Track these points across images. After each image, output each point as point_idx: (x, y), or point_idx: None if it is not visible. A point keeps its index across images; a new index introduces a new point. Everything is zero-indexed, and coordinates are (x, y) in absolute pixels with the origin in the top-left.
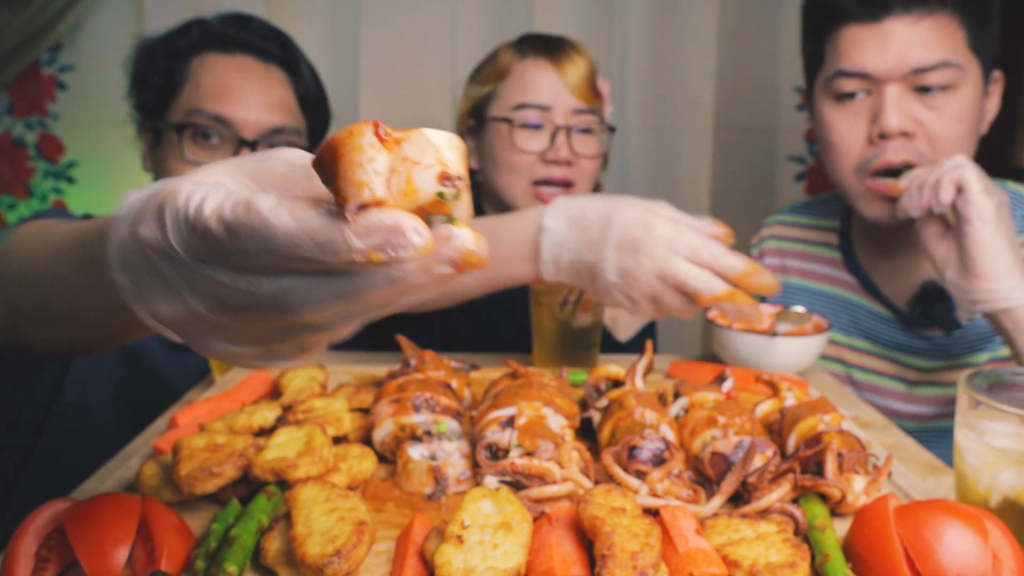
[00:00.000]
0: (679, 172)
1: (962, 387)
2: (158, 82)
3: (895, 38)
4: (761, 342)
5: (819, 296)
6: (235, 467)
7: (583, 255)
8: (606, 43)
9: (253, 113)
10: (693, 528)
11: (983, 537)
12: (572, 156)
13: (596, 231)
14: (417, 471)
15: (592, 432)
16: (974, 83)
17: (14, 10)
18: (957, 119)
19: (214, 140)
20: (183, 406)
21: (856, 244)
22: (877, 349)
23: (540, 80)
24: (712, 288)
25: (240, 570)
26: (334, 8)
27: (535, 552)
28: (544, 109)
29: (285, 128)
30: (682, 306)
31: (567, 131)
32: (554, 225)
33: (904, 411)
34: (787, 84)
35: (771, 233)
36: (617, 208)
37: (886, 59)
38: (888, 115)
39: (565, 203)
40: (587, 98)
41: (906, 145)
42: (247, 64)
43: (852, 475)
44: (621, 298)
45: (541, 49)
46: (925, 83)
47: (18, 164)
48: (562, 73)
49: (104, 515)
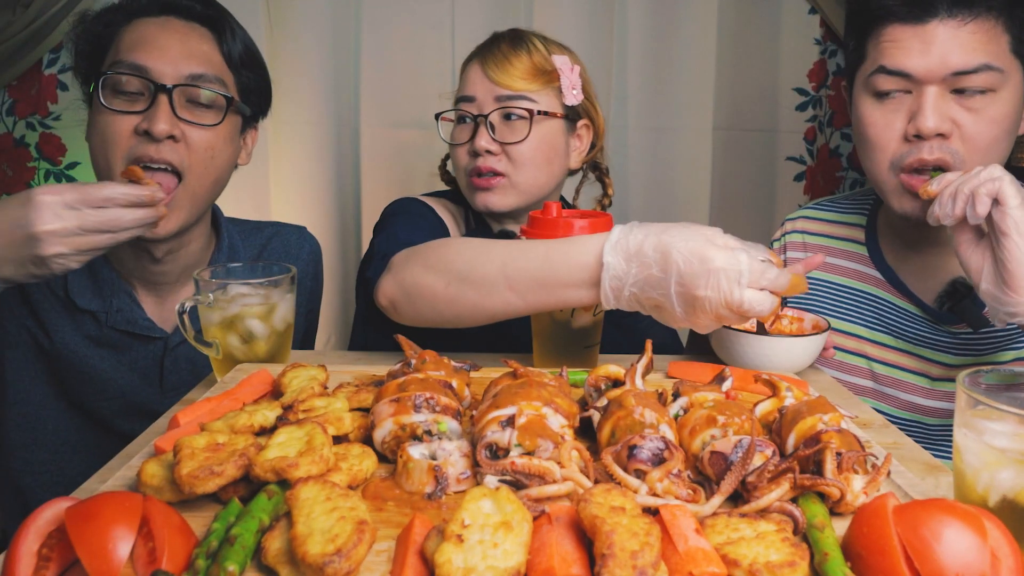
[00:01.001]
0: (679, 172)
1: (961, 387)
2: (88, 51)
3: (938, 40)
4: (760, 342)
5: (843, 290)
6: (236, 466)
7: (646, 291)
8: (606, 43)
9: (171, 62)
10: (692, 527)
11: (982, 536)
12: (496, 145)
13: (657, 268)
14: (417, 470)
15: (592, 432)
16: (1014, 86)
17: (16, 11)
18: (994, 122)
19: (132, 90)
20: (184, 406)
21: (883, 240)
22: (901, 344)
23: (469, 75)
24: (773, 307)
25: (241, 569)
26: (334, 8)
27: (535, 551)
28: (470, 101)
29: (205, 75)
30: (743, 323)
31: (486, 120)
32: (613, 262)
33: (926, 406)
34: (787, 84)
35: (795, 227)
36: (673, 243)
37: (928, 61)
38: (926, 116)
39: (622, 236)
40: (509, 84)
41: (941, 144)
42: (170, 22)
43: (851, 474)
44: (687, 324)
45: (477, 51)
46: (964, 86)
47: (20, 164)
48: (485, 64)
49: (105, 514)
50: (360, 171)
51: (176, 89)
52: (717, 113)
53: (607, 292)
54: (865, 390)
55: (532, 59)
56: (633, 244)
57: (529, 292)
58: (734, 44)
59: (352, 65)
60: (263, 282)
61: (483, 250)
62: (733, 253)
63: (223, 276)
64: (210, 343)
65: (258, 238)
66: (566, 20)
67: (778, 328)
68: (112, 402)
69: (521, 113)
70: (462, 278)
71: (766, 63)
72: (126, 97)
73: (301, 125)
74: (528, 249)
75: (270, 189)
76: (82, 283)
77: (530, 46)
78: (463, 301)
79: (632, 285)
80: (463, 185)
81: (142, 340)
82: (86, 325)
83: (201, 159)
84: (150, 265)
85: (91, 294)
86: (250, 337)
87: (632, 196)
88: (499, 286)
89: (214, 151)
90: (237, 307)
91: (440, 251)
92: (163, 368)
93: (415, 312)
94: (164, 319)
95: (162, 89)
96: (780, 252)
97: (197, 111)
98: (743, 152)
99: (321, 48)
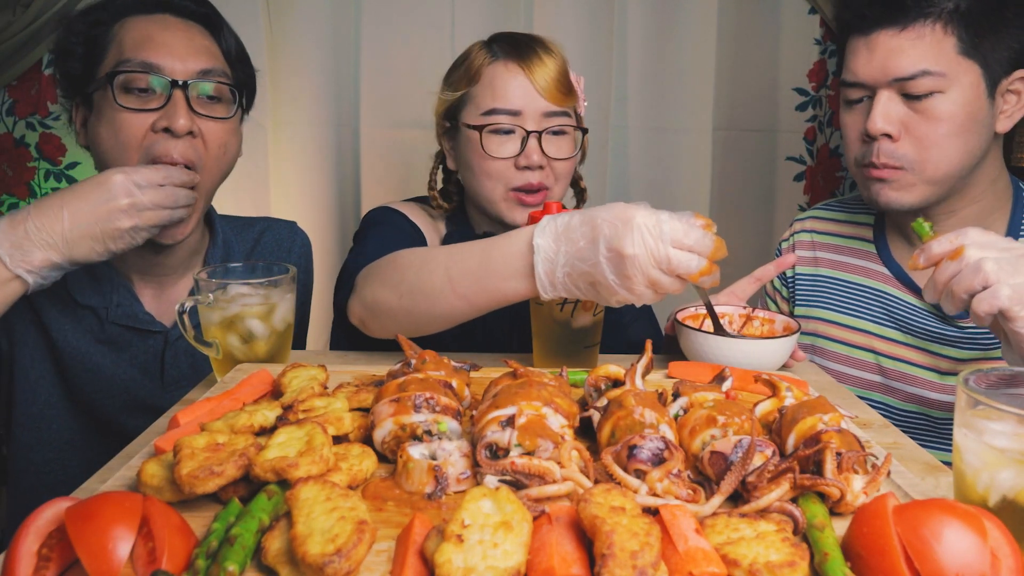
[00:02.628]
0: (679, 172)
1: (961, 386)
2: (82, 52)
3: (880, 49)
4: (727, 344)
5: (852, 287)
6: (236, 466)
7: (577, 266)
8: (606, 43)
9: (180, 58)
10: (692, 527)
11: (982, 536)
12: (545, 160)
13: (584, 239)
14: (417, 470)
15: (592, 432)
16: (965, 86)
17: (16, 11)
18: (941, 120)
19: (146, 88)
20: (184, 406)
21: (890, 238)
22: (909, 339)
23: (509, 84)
24: (700, 267)
25: (241, 569)
26: (334, 8)
27: (535, 551)
28: (514, 115)
29: (213, 69)
30: (677, 286)
31: (538, 136)
32: (543, 243)
33: (934, 399)
34: (786, 84)
35: (803, 227)
36: (597, 213)
37: (872, 69)
38: (872, 119)
39: (551, 221)
40: (558, 99)
41: (888, 147)
42: (167, 20)
43: (851, 474)
44: (624, 293)
45: (511, 51)
46: (908, 91)
47: (20, 164)
48: (532, 76)
49: (105, 514)
50: (360, 171)
51: (190, 84)
52: (717, 113)
53: (541, 277)
54: (873, 384)
55: (563, 68)
56: (561, 224)
57: (471, 292)
58: (734, 44)
59: (352, 65)
60: (263, 282)
61: (429, 257)
62: (655, 212)
63: (223, 276)
64: (210, 343)
65: (250, 233)
66: (566, 20)
67: (749, 330)
68: (115, 399)
69: (566, 130)
70: (412, 288)
71: (766, 63)
72: (138, 95)
73: (301, 125)
74: (467, 249)
75: (270, 189)
76: (81, 280)
77: (558, 54)
78: (416, 311)
79: (564, 265)
80: (497, 197)
81: (142, 335)
82: (87, 322)
83: (215, 154)
84: (151, 256)
85: (91, 290)
86: (250, 337)
87: (632, 196)
88: (445, 291)
89: (227, 145)
90: (237, 307)
91: (392, 264)
92: (164, 362)
93: (381, 327)
94: (163, 313)
95: (177, 85)
96: (789, 250)
97: (210, 105)
98: (743, 152)
99: (321, 48)
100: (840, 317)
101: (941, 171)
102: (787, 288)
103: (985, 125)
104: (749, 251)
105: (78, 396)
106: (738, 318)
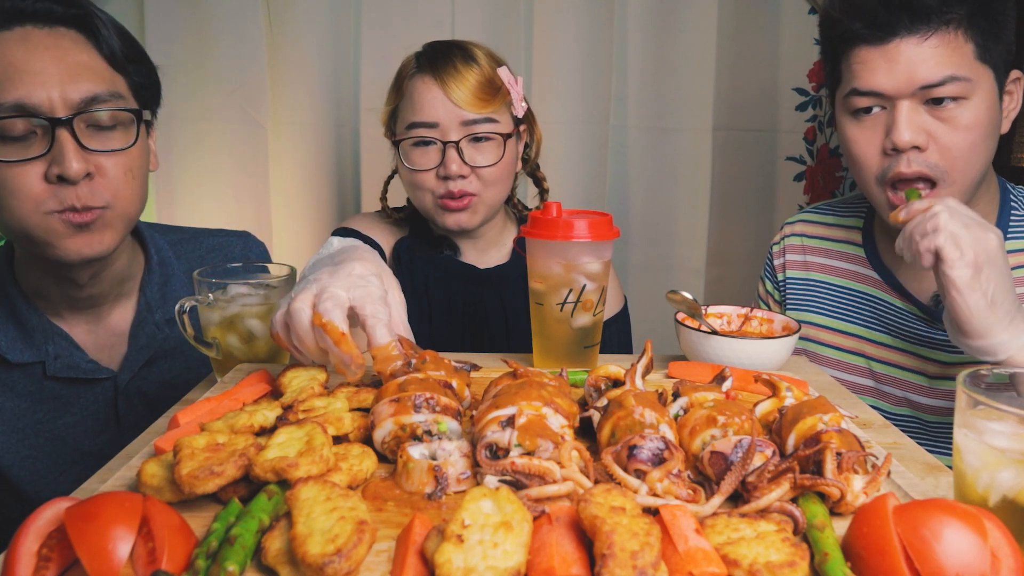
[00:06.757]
0: (679, 172)
1: (961, 387)
2: None
3: (903, 58)
4: (727, 344)
5: (842, 291)
6: (236, 466)
7: None
8: (606, 43)
9: (56, 86)
10: (693, 527)
11: (982, 536)
12: (467, 169)
13: None
14: (417, 470)
15: (592, 432)
16: (985, 91)
17: None
18: (968, 128)
19: (23, 134)
20: (184, 406)
21: (879, 242)
22: (899, 343)
23: (425, 97)
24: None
25: (241, 569)
26: (334, 8)
27: (535, 551)
28: (432, 127)
29: (98, 95)
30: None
31: (456, 146)
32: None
33: (924, 404)
34: (786, 84)
35: (793, 231)
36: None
37: (895, 78)
38: (899, 130)
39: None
40: (477, 107)
41: (918, 157)
42: (30, 35)
43: (851, 474)
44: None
45: (427, 64)
46: (934, 96)
47: None
48: (446, 88)
49: (105, 514)
50: (360, 171)
51: (75, 119)
52: (717, 113)
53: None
54: (864, 388)
55: (484, 75)
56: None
57: None
58: (734, 44)
59: (352, 66)
60: (263, 282)
61: None
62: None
63: (222, 276)
64: (210, 343)
65: (194, 249)
66: (566, 20)
67: (747, 330)
68: (71, 454)
69: (490, 136)
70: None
71: (766, 63)
72: (16, 143)
73: (301, 126)
74: None
75: (270, 190)
76: (9, 336)
77: (480, 62)
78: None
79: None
80: (429, 206)
81: (88, 384)
82: (20, 383)
83: (122, 185)
84: (74, 292)
85: (22, 345)
86: (250, 337)
87: (632, 196)
88: None
89: (133, 171)
90: (237, 307)
91: None
92: (118, 410)
93: None
94: (105, 354)
95: (59, 123)
96: (779, 255)
97: (104, 136)
98: (743, 152)
99: (321, 48)
100: (831, 321)
101: (970, 178)
102: (779, 292)
103: (999, 128)
104: (748, 251)
105: (21, 469)
106: (737, 318)
